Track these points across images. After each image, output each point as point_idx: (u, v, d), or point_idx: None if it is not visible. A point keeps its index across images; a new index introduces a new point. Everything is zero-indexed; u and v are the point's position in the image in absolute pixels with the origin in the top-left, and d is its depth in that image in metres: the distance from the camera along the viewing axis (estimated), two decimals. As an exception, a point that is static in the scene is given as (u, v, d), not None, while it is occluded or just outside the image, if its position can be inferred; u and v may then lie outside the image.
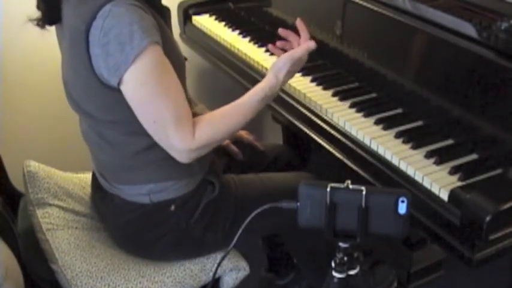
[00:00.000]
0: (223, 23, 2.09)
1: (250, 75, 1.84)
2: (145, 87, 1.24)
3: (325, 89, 1.64)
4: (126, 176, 1.41)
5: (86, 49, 1.23)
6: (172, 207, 1.42)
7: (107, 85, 1.26)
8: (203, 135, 1.29)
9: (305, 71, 1.73)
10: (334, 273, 1.08)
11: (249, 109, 1.37)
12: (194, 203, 1.44)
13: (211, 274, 1.46)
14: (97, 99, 1.31)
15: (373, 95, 1.61)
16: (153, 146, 1.33)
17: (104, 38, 1.21)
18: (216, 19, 2.13)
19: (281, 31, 1.50)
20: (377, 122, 1.47)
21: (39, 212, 1.52)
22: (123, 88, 1.25)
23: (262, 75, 1.78)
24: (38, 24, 1.35)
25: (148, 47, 1.21)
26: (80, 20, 1.23)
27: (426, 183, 1.26)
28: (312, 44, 1.41)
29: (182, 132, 1.27)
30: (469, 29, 1.38)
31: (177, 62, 1.33)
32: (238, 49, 1.91)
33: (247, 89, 1.82)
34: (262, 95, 1.38)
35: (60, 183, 1.60)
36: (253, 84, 1.80)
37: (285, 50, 1.48)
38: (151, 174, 1.40)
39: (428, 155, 1.33)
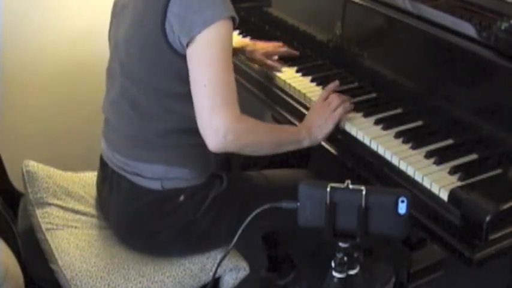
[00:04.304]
0: (223, 23, 2.09)
1: (250, 75, 1.84)
2: (212, 51, 1.28)
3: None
4: (144, 153, 1.41)
5: (164, 6, 1.27)
6: (182, 198, 1.42)
7: (170, 45, 1.30)
8: (247, 124, 1.32)
9: (305, 71, 1.73)
10: (334, 273, 1.08)
11: (281, 140, 1.41)
12: (202, 195, 1.44)
13: (211, 274, 1.46)
14: (152, 60, 1.34)
15: (373, 95, 1.61)
16: (186, 130, 1.35)
17: None
18: (216, 19, 2.12)
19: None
20: (377, 122, 1.47)
21: (39, 212, 1.52)
22: (192, 47, 1.28)
23: (262, 75, 1.78)
24: None
25: (227, 20, 1.28)
26: None
27: (426, 183, 1.26)
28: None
29: (228, 109, 1.28)
30: (469, 29, 1.37)
31: None
32: (238, 49, 1.90)
33: (246, 89, 1.82)
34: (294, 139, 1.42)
35: (60, 182, 1.60)
36: (252, 84, 1.81)
37: None
38: (171, 157, 1.40)
39: (428, 155, 1.33)
